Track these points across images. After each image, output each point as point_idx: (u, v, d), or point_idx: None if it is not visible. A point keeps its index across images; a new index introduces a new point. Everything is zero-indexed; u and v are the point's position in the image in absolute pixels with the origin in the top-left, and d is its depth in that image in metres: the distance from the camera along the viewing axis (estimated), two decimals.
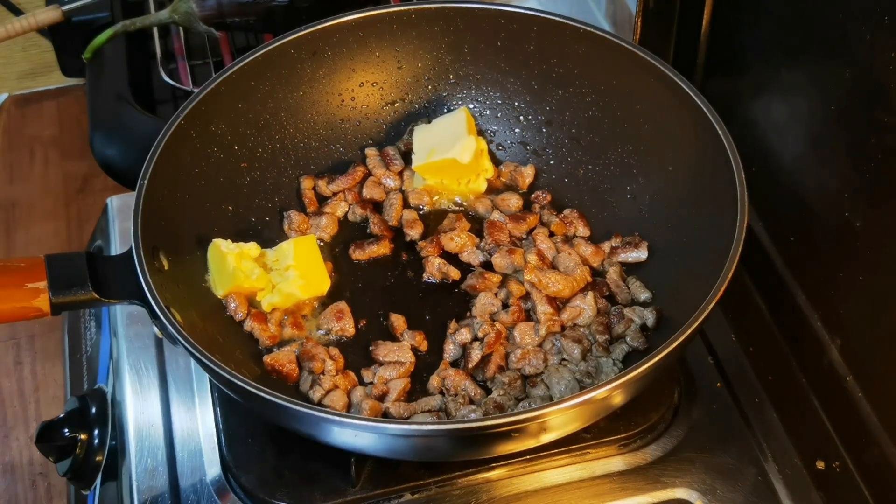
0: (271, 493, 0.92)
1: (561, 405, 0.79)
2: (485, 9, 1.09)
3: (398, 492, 0.93)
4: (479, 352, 0.95)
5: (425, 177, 1.10)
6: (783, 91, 1.00)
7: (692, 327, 0.82)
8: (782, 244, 1.05)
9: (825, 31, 0.90)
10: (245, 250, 0.98)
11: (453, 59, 1.12)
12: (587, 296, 0.98)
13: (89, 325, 1.19)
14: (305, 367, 0.95)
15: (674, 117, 1.00)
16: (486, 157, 1.11)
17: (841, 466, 0.95)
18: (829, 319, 0.98)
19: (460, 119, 1.09)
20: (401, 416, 0.92)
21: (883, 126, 0.84)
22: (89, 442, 1.03)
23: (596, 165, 1.09)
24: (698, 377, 1.02)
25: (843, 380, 0.95)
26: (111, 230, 1.18)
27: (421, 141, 1.09)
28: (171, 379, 1.03)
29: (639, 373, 0.80)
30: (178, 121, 0.98)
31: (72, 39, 1.48)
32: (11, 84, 1.84)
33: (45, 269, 0.89)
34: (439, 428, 0.81)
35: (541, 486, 0.94)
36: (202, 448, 0.97)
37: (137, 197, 0.92)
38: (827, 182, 0.96)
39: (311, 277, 1.00)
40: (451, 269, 1.03)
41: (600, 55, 1.05)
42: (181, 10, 1.32)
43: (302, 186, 1.10)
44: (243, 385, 0.81)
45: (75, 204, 1.64)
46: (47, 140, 1.74)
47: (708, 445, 0.97)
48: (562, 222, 1.07)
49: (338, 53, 1.10)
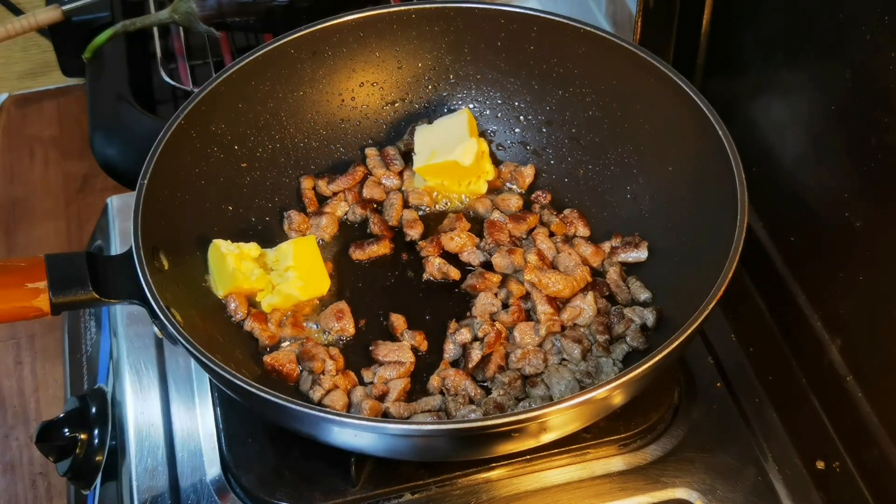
0: (271, 493, 0.92)
1: (561, 405, 0.79)
2: (485, 9, 1.09)
3: (398, 492, 0.93)
4: (479, 352, 0.95)
5: (426, 178, 1.10)
6: (783, 91, 1.00)
7: (692, 327, 0.82)
8: (782, 244, 1.05)
9: (825, 31, 0.90)
10: (245, 251, 0.98)
11: (453, 59, 1.12)
12: (587, 296, 0.98)
13: (89, 325, 1.19)
14: (305, 367, 0.95)
15: (674, 117, 1.00)
16: (487, 158, 1.11)
17: (841, 466, 0.95)
18: (829, 319, 0.98)
19: (462, 121, 1.08)
20: (401, 416, 0.92)
21: (883, 126, 0.84)
22: (89, 442, 1.03)
23: (596, 165, 1.09)
24: (698, 377, 1.02)
25: (843, 380, 0.95)
26: (111, 230, 1.18)
27: (422, 142, 1.09)
28: (171, 379, 1.03)
29: (639, 373, 0.80)
30: (178, 121, 0.98)
31: (72, 39, 1.48)
32: (11, 84, 1.84)
33: (45, 268, 0.89)
34: (439, 428, 0.81)
35: (541, 486, 0.94)
36: (202, 448, 0.97)
37: (137, 197, 0.92)
38: (827, 182, 0.96)
39: (311, 278, 1.00)
40: (451, 269, 1.03)
41: (600, 55, 1.05)
42: (181, 9, 1.32)
43: (302, 186, 1.10)
44: (243, 385, 0.81)
45: (75, 204, 1.64)
46: (47, 140, 1.74)
47: (708, 445, 0.97)
48: (562, 222, 1.07)
49: (338, 53, 1.10)
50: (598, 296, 0.99)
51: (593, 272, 1.02)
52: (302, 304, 1.00)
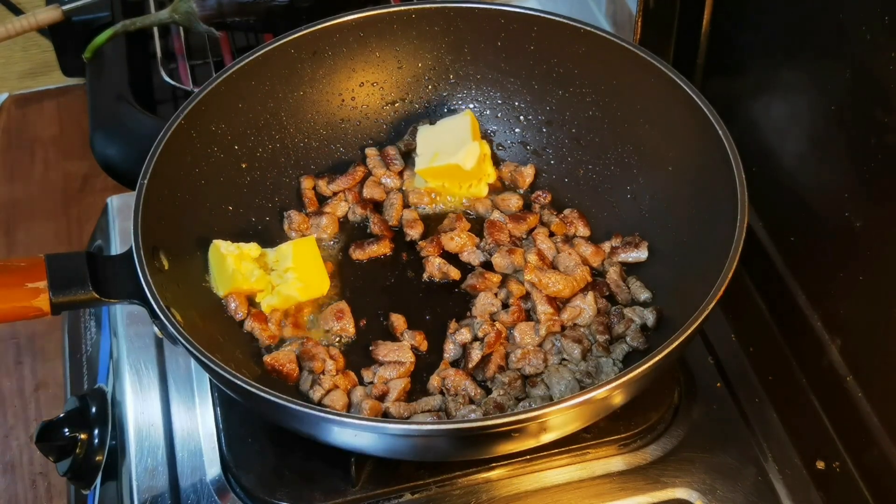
0: (271, 492, 0.92)
1: (561, 405, 0.79)
2: (485, 9, 1.09)
3: (398, 492, 0.93)
4: (479, 352, 0.95)
5: (428, 180, 1.10)
6: (783, 91, 1.00)
7: (692, 327, 0.82)
8: (782, 244, 1.05)
9: (825, 31, 0.90)
10: (245, 251, 0.98)
11: (453, 58, 1.12)
12: (587, 296, 0.98)
13: (89, 325, 1.19)
14: (305, 367, 0.95)
15: (674, 117, 1.00)
16: (488, 161, 1.11)
17: (841, 466, 0.95)
18: (829, 319, 0.98)
19: (465, 123, 1.08)
20: (401, 415, 0.92)
21: (883, 126, 0.84)
22: (89, 442, 1.03)
23: (596, 165, 1.09)
24: (698, 377, 1.02)
25: (843, 380, 0.95)
26: (111, 230, 1.18)
27: (425, 143, 1.09)
28: (172, 379, 1.03)
29: (639, 373, 0.80)
30: (178, 120, 0.98)
31: (72, 39, 1.48)
32: (11, 84, 1.84)
33: (45, 268, 0.89)
34: (439, 428, 0.81)
35: (541, 486, 0.94)
36: (202, 448, 0.97)
37: (137, 197, 0.92)
38: (827, 182, 0.96)
39: (310, 280, 1.00)
40: (452, 268, 1.03)
41: (600, 55, 1.05)
42: (181, 9, 1.32)
43: (302, 186, 1.10)
44: (243, 385, 0.81)
45: (75, 204, 1.64)
46: (47, 140, 1.74)
47: (708, 445, 0.97)
48: (562, 222, 1.07)
49: (338, 53, 1.10)
50: (598, 296, 0.99)
51: (593, 272, 1.02)
52: (302, 304, 1.00)
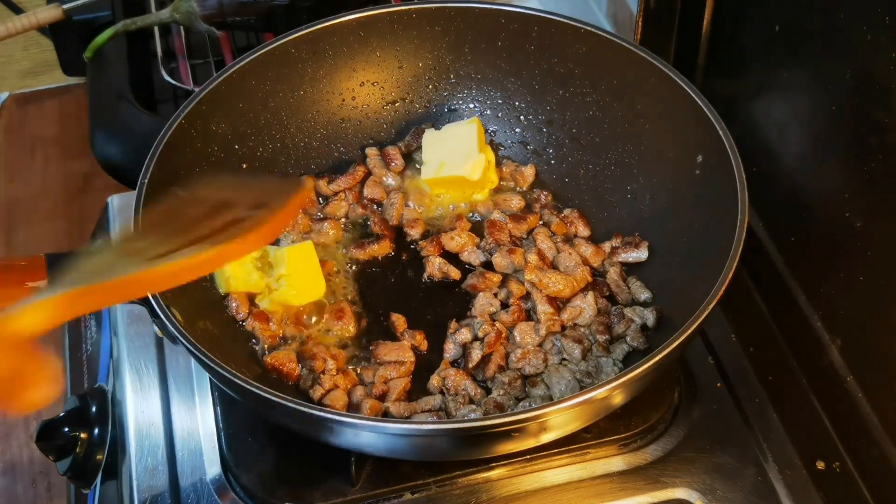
0: (271, 492, 0.92)
1: (561, 405, 0.79)
2: (485, 9, 1.09)
3: (398, 491, 0.93)
4: (479, 351, 0.95)
5: (433, 188, 1.10)
6: (783, 91, 1.00)
7: (692, 327, 0.82)
8: (782, 244, 1.05)
9: (825, 31, 0.90)
10: None
11: (454, 58, 1.12)
12: (587, 296, 0.98)
13: (89, 325, 1.19)
14: (306, 367, 0.95)
15: (674, 117, 1.00)
16: (492, 169, 1.11)
17: (841, 466, 0.95)
18: (829, 319, 0.98)
19: (471, 133, 1.08)
20: (401, 415, 0.92)
21: (883, 126, 0.84)
22: (89, 441, 1.03)
23: (596, 165, 1.09)
24: (698, 377, 1.02)
25: (843, 380, 0.95)
26: (112, 229, 1.18)
27: (431, 151, 1.09)
28: (172, 378, 1.03)
29: (639, 373, 0.80)
30: (178, 120, 0.98)
31: (72, 38, 1.48)
32: (12, 83, 1.84)
33: (45, 267, 0.89)
34: (439, 427, 0.81)
35: (541, 485, 0.94)
36: (202, 447, 0.97)
37: (138, 196, 0.92)
38: (827, 182, 0.96)
39: (305, 286, 0.99)
40: (452, 268, 1.03)
41: (601, 55, 1.05)
42: (182, 9, 1.32)
43: None
44: (243, 384, 0.81)
45: (76, 203, 1.64)
46: (48, 139, 1.74)
47: (708, 445, 0.97)
48: (562, 222, 1.07)
49: (339, 53, 1.10)
50: (598, 296, 0.99)
51: (593, 272, 1.02)
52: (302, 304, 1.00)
